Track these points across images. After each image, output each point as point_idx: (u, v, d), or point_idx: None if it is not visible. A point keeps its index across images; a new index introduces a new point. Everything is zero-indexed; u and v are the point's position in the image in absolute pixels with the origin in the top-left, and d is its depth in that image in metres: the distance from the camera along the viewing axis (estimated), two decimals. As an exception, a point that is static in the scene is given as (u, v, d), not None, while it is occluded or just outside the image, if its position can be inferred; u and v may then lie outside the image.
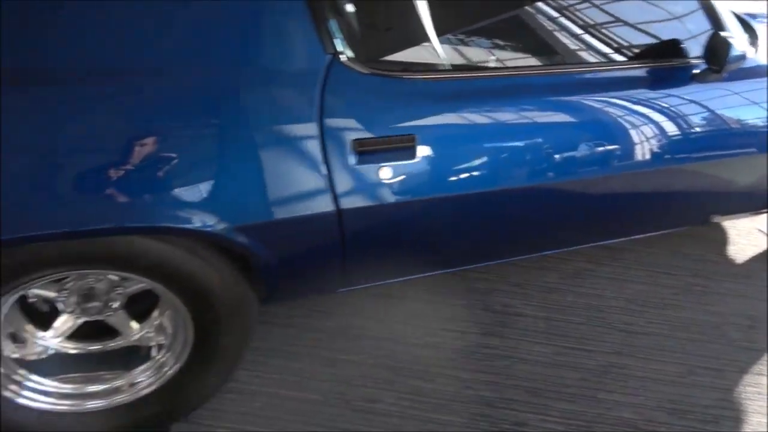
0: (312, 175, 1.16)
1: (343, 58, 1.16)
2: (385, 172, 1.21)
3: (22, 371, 1.29)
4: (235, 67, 1.11)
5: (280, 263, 1.25)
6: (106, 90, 1.04)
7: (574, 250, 2.18)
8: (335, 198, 1.19)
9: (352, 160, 1.18)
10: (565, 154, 1.34)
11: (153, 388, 1.35)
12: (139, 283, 1.34)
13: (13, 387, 1.25)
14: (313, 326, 1.80)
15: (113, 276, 1.33)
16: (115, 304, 1.35)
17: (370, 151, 1.18)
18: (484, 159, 1.28)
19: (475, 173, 1.27)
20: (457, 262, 1.59)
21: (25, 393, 1.27)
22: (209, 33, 1.11)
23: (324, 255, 1.30)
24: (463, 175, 1.26)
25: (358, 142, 1.17)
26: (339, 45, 1.16)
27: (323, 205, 1.18)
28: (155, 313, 1.44)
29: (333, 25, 1.15)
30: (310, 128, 1.14)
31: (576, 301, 2.04)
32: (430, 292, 1.98)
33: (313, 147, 1.15)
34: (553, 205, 1.43)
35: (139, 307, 1.49)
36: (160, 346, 1.40)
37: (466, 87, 1.28)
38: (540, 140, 1.31)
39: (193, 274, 1.18)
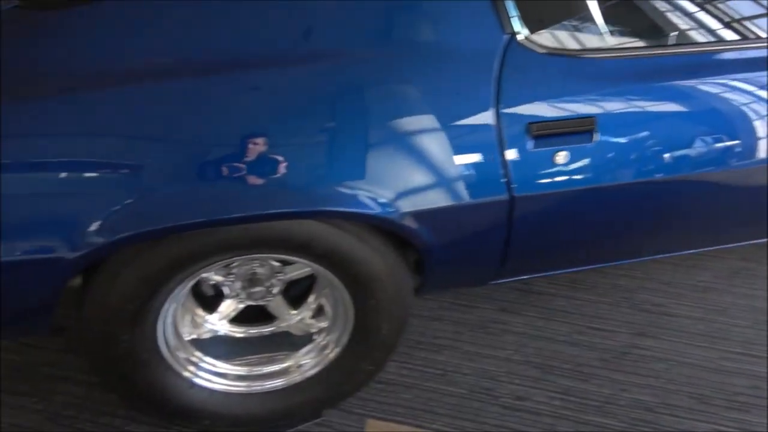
0: (486, 160, 1.12)
1: (520, 37, 1.11)
2: (562, 157, 1.15)
3: (198, 353, 1.35)
4: (407, 47, 1.10)
5: (443, 251, 1.22)
6: (270, 77, 1.06)
7: (729, 248, 2.00)
8: (509, 184, 1.14)
9: (527, 144, 1.13)
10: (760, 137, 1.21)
11: (316, 370, 1.38)
12: (299, 269, 1.37)
13: (191, 368, 1.32)
14: (455, 319, 1.76)
15: (275, 262, 1.36)
16: (275, 290, 1.39)
17: (546, 135, 1.13)
18: (670, 143, 1.18)
19: (659, 159, 1.18)
20: (623, 255, 1.49)
21: (200, 373, 1.33)
22: (377, 11, 1.10)
23: (488, 243, 1.26)
24: (645, 161, 1.18)
25: (536, 125, 1.12)
26: (516, 24, 1.11)
27: (496, 191, 1.14)
28: (311, 298, 1.47)
29: (510, 3, 1.10)
30: (486, 110, 1.11)
31: (735, 302, 1.87)
32: (571, 288, 1.89)
33: (488, 130, 1.11)
34: (741, 194, 1.30)
35: (293, 293, 1.53)
36: (320, 330, 1.43)
37: (648, 65, 1.19)
38: (734, 121, 1.19)
39: (361, 260, 1.18)
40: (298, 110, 1.06)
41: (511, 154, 1.13)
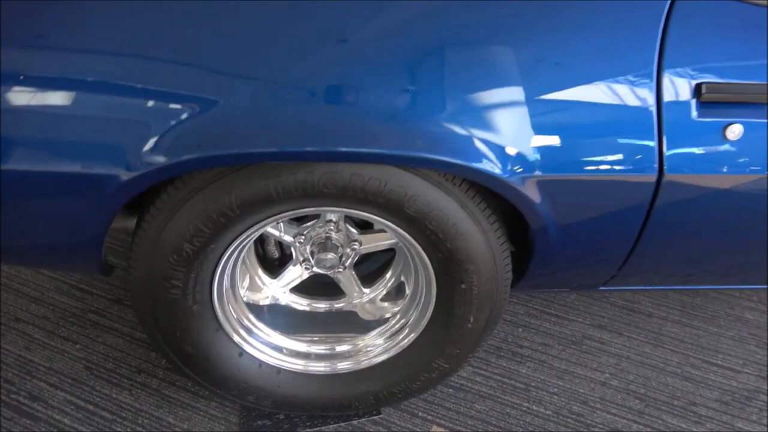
0: (636, 126, 0.89)
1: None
2: (734, 132, 0.90)
3: (252, 317, 1.19)
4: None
5: (560, 235, 1.00)
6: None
7: None
8: (660, 159, 0.91)
9: (692, 110, 0.89)
10: None
11: (384, 357, 1.18)
12: (379, 240, 1.19)
13: (243, 333, 1.15)
14: (544, 330, 1.52)
15: (353, 228, 1.18)
16: (348, 261, 1.20)
17: (717, 101, 0.88)
18: None
19: None
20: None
21: (252, 341, 1.17)
22: None
23: (616, 233, 1.02)
24: None
25: (706, 87, 0.87)
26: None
27: (644, 166, 0.91)
28: (387, 274, 1.28)
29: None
30: (645, 63, 0.88)
31: None
32: (684, 313, 1.60)
33: (644, 87, 0.88)
34: None
35: (365, 272, 1.35)
36: (394, 313, 1.23)
37: None
38: None
39: (460, 233, 0.97)
40: (423, 39, 0.88)
41: (670, 122, 0.89)
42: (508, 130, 0.89)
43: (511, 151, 0.89)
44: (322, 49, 0.86)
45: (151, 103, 0.84)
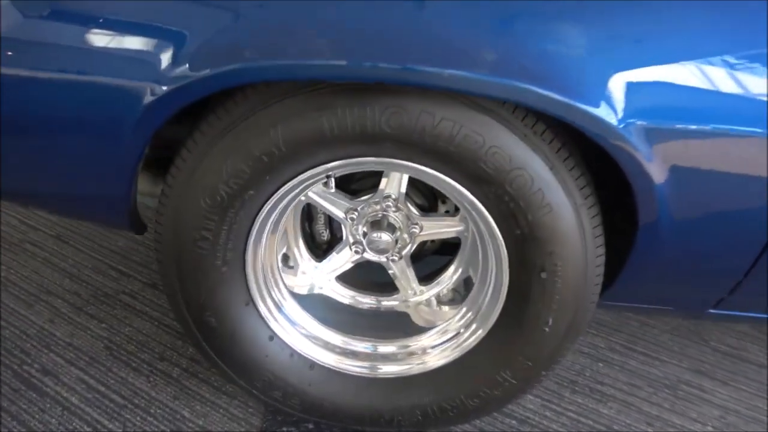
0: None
1: None
2: None
3: (289, 296, 1.03)
4: None
5: (672, 229, 0.80)
6: None
7: None
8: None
9: None
10: None
11: (441, 363, 0.98)
12: (442, 226, 1.02)
13: (276, 312, 0.99)
14: (631, 368, 1.27)
15: (414, 210, 1.02)
16: (405, 249, 1.04)
17: None
18: None
19: None
20: None
21: (286, 325, 1.00)
22: None
23: (741, 241, 0.81)
24: None
25: None
26: None
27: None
28: (451, 269, 1.10)
29: None
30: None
31: None
32: (807, 369, 1.31)
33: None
34: None
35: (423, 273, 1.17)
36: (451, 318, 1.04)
37: None
38: None
39: (544, 200, 0.79)
40: None
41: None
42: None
43: (619, 95, 0.71)
44: None
45: (188, 9, 0.74)
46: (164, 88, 0.74)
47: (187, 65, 0.73)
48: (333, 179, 0.97)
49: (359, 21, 0.72)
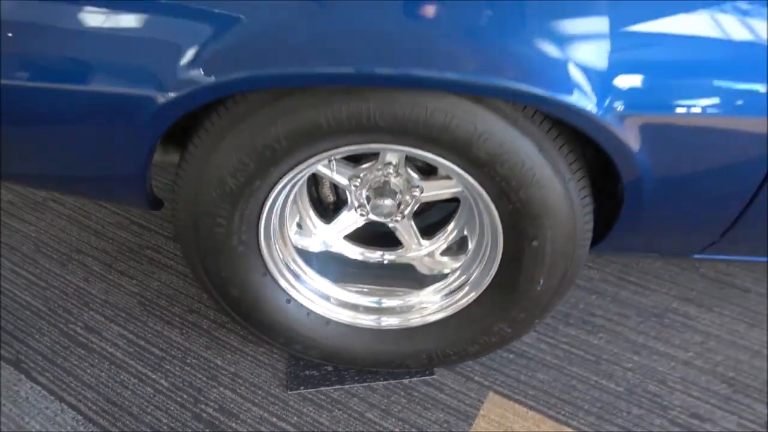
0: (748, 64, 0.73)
1: None
2: None
3: (301, 262, 1.12)
4: None
5: (656, 190, 0.85)
6: None
7: None
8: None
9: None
10: None
11: (440, 316, 1.09)
12: (442, 187, 1.08)
13: (291, 278, 1.09)
14: (622, 299, 1.38)
15: (413, 172, 1.08)
16: (407, 210, 1.10)
17: None
18: None
19: None
20: None
21: (300, 288, 1.10)
22: None
23: (724, 192, 0.87)
24: None
25: None
26: None
27: (756, 108, 0.74)
28: (449, 226, 1.18)
29: None
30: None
31: None
32: (787, 292, 1.40)
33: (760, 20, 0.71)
34: None
35: (426, 223, 1.25)
36: (453, 270, 1.13)
37: None
38: None
39: (535, 178, 0.84)
40: None
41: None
42: (605, 60, 0.74)
43: (608, 84, 0.75)
44: None
45: (194, 17, 0.76)
46: (172, 94, 0.78)
47: (195, 74, 0.76)
48: (334, 159, 1.02)
49: (354, 31, 0.74)
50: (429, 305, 1.11)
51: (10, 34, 0.81)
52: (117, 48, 0.79)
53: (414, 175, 1.08)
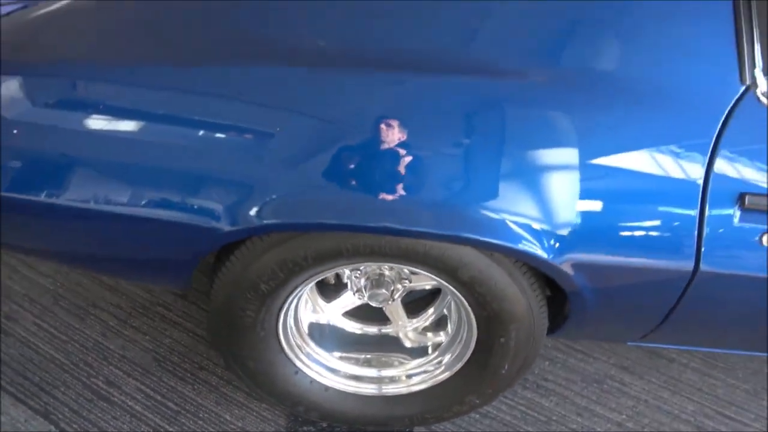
0: (679, 221, 0.98)
1: (758, 91, 0.95)
2: (768, 240, 0.98)
3: (311, 343, 1.33)
4: (614, 75, 0.97)
5: (596, 305, 1.10)
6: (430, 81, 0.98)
7: None
8: (698, 255, 0.99)
9: (733, 215, 0.97)
10: None
11: (422, 387, 1.32)
12: (429, 280, 1.31)
13: (301, 355, 1.30)
14: (570, 366, 1.63)
15: (406, 269, 1.30)
16: (397, 294, 1.33)
17: (758, 210, 0.96)
18: None
19: None
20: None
21: (307, 362, 1.31)
22: (590, 31, 0.99)
23: (648, 309, 1.12)
24: None
25: (749, 196, 0.95)
26: (759, 76, 0.94)
27: (682, 260, 1.00)
28: (430, 310, 1.41)
29: (757, 53, 0.94)
30: (695, 165, 0.96)
31: None
32: (706, 363, 1.68)
33: (691, 189, 0.96)
34: None
35: (410, 299, 1.47)
36: (435, 345, 1.36)
37: None
38: None
39: (506, 297, 1.09)
40: (474, 125, 0.98)
41: (711, 222, 0.97)
42: (553, 216, 0.99)
43: (553, 234, 0.99)
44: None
45: (259, 173, 0.99)
46: (235, 227, 1.00)
47: (257, 215, 0.99)
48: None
49: (361, 197, 0.98)
50: (415, 377, 1.34)
51: None
52: (201, 189, 1.00)
53: (405, 270, 1.30)
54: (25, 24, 1.13)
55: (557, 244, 0.99)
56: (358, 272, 1.30)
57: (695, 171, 0.96)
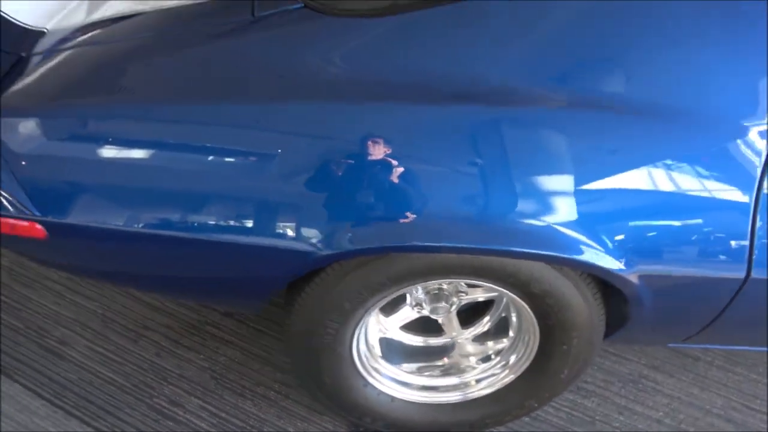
0: (734, 232, 1.08)
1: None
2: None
3: (379, 357, 1.40)
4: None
5: (653, 312, 1.20)
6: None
7: None
8: (749, 263, 1.10)
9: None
10: None
11: (488, 391, 1.40)
12: (487, 293, 1.38)
13: (370, 369, 1.37)
14: (606, 368, 1.73)
15: (463, 282, 1.38)
16: (453, 307, 1.41)
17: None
18: None
19: None
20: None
21: (375, 375, 1.38)
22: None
23: (700, 313, 1.22)
24: None
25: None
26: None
27: (735, 268, 1.10)
28: (485, 320, 1.49)
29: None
30: (747, 182, 1.06)
31: None
32: (728, 360, 1.79)
33: (743, 205, 1.07)
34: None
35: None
36: (498, 352, 1.44)
37: None
38: None
39: (572, 307, 1.17)
40: (552, 152, 1.06)
41: (761, 232, 1.08)
42: (621, 230, 1.08)
43: (622, 249, 1.08)
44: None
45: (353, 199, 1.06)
46: (329, 252, 1.06)
47: (349, 239, 1.05)
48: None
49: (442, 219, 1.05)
50: (479, 383, 1.42)
51: None
52: (297, 216, 1.06)
53: (463, 283, 1.38)
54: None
55: (628, 258, 1.08)
56: (419, 287, 1.37)
57: (747, 187, 1.07)
